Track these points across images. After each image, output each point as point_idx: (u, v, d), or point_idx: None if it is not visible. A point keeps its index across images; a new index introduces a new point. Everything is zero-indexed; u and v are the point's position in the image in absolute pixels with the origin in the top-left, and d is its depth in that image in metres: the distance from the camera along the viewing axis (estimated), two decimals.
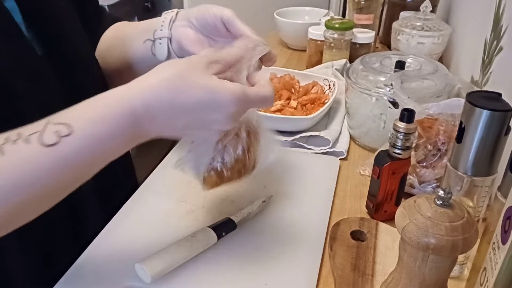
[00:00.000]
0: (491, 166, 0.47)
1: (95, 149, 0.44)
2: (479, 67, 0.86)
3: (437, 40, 1.12)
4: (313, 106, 0.91)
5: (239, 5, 2.38)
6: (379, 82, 0.78)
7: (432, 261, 0.42)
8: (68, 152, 0.43)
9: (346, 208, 0.69)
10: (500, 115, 0.45)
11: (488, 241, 0.45)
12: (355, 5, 1.23)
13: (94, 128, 0.44)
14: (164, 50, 0.64)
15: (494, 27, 0.80)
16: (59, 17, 0.63)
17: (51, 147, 0.42)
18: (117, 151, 0.47)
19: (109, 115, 0.45)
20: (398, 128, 0.60)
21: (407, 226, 0.41)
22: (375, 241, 0.59)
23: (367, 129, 0.81)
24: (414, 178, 0.67)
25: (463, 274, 0.55)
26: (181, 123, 0.47)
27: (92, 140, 0.44)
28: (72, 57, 0.63)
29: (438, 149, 0.65)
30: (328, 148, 0.82)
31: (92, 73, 0.69)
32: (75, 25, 0.66)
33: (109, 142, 0.45)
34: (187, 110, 0.46)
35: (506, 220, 0.40)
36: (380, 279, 0.53)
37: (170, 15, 0.64)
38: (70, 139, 0.43)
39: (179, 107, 0.46)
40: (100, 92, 0.63)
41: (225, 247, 0.59)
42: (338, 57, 1.12)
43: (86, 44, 0.69)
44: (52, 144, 0.42)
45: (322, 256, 0.58)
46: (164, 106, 0.46)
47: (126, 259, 0.56)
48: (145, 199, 0.69)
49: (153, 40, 0.64)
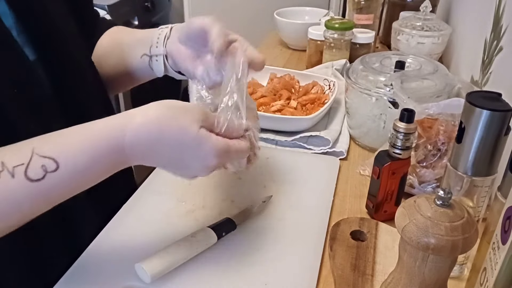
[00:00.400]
0: (491, 166, 0.47)
1: (78, 181, 0.47)
2: (479, 67, 0.86)
3: (437, 40, 1.12)
4: (313, 106, 0.91)
5: (239, 5, 2.39)
6: (379, 82, 0.78)
7: (432, 261, 0.42)
8: (52, 185, 0.45)
9: (346, 208, 0.69)
10: (500, 115, 0.45)
11: (488, 241, 0.45)
12: (355, 5, 1.23)
13: (80, 163, 0.46)
14: (161, 67, 0.65)
15: (494, 27, 0.80)
16: (53, 21, 0.62)
17: (37, 182, 0.44)
18: (97, 180, 0.49)
19: (95, 151, 0.46)
20: (398, 128, 0.60)
21: (407, 226, 0.41)
22: (375, 241, 0.59)
23: (367, 129, 0.81)
24: (414, 178, 0.67)
25: (463, 274, 0.55)
26: (163, 160, 0.50)
27: (76, 173, 0.46)
28: (66, 61, 0.63)
29: (438, 149, 0.65)
30: (328, 148, 0.82)
31: (87, 77, 0.68)
32: (70, 29, 0.66)
33: (91, 174, 0.48)
34: (171, 149, 0.48)
35: (506, 220, 0.40)
36: (380, 279, 0.53)
37: (164, 32, 0.65)
38: (56, 174, 0.45)
39: (164, 144, 0.48)
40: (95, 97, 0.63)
41: (225, 247, 0.59)
42: (338, 57, 1.12)
43: (81, 48, 0.68)
44: (38, 179, 0.44)
45: (322, 256, 0.58)
46: (150, 144, 0.47)
47: (126, 259, 0.56)
48: (145, 199, 0.69)
49: (150, 56, 0.66)
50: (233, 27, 0.64)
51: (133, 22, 1.95)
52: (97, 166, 0.47)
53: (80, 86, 0.66)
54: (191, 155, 0.49)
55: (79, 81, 0.66)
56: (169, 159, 0.50)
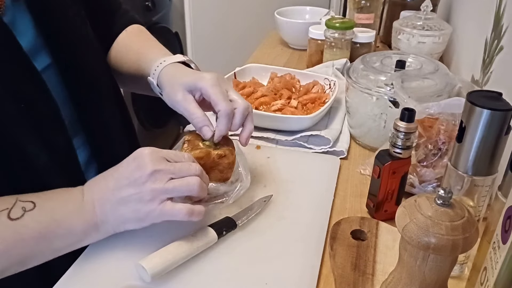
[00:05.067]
0: (491, 165, 0.47)
1: (51, 220, 0.52)
2: (479, 66, 0.85)
3: (438, 40, 1.12)
4: (314, 105, 0.91)
5: (240, 4, 2.39)
6: (379, 82, 0.78)
7: (432, 261, 0.42)
8: (29, 222, 0.51)
9: (347, 208, 0.69)
10: (501, 114, 0.45)
11: (489, 240, 0.45)
12: (355, 4, 1.23)
13: (56, 209, 0.53)
14: (157, 92, 0.68)
15: (495, 26, 0.80)
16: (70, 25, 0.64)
17: (16, 220, 0.50)
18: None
19: (68, 199, 0.55)
20: (398, 128, 0.60)
21: (407, 225, 0.41)
22: (375, 241, 0.59)
23: (367, 128, 0.81)
24: (414, 177, 0.67)
25: (463, 273, 0.55)
26: (121, 193, 0.54)
27: (50, 211, 0.53)
28: (81, 65, 0.65)
29: (438, 148, 0.65)
30: (328, 147, 0.82)
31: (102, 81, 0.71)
32: (86, 33, 0.68)
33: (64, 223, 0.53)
34: (119, 176, 0.54)
35: (507, 219, 0.40)
36: (381, 278, 0.53)
37: (160, 68, 0.67)
38: (33, 212, 0.51)
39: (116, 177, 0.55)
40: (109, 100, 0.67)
41: (225, 247, 0.59)
42: (338, 57, 1.12)
43: (98, 52, 0.71)
44: (17, 218, 0.50)
45: (322, 255, 0.58)
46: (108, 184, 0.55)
47: (126, 259, 0.56)
48: None
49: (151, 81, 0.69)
50: (234, 26, 0.65)
51: None
52: (68, 207, 0.54)
53: (94, 89, 0.67)
54: (131, 165, 0.54)
55: (93, 84, 0.67)
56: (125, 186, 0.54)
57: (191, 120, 0.62)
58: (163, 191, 0.53)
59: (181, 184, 0.54)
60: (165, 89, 0.65)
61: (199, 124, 0.62)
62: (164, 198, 0.53)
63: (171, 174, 0.53)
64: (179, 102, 0.62)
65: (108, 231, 0.55)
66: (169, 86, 0.65)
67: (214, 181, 0.62)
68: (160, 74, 0.66)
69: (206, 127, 0.62)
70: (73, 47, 0.64)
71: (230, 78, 0.99)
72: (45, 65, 0.61)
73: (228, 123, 0.61)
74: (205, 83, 0.62)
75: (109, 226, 0.55)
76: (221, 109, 0.60)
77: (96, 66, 0.69)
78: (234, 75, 1.01)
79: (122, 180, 0.54)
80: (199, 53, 2.49)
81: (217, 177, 0.63)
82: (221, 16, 2.41)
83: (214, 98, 0.61)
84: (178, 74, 0.65)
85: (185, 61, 0.69)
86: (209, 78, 0.62)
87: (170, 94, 0.64)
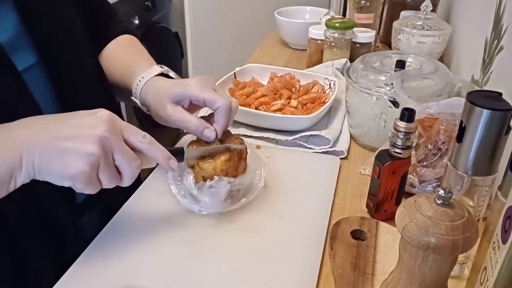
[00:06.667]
0: (491, 165, 0.47)
1: None
2: (479, 66, 0.86)
3: (438, 40, 1.12)
4: (314, 105, 0.91)
5: (240, 4, 2.39)
6: (379, 82, 0.78)
7: (432, 261, 0.42)
8: None
9: (347, 208, 0.69)
10: (501, 114, 0.45)
11: (489, 240, 0.45)
12: (355, 4, 1.23)
13: None
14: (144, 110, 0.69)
15: (495, 26, 0.80)
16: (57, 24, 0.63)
17: None
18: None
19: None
20: (398, 128, 0.60)
21: (407, 225, 0.41)
22: (375, 241, 0.59)
23: (367, 128, 0.81)
24: (414, 177, 0.67)
25: (463, 273, 0.55)
26: (61, 142, 0.47)
27: None
28: (68, 64, 0.64)
29: (438, 148, 0.65)
30: (328, 147, 0.82)
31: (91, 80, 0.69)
32: (75, 32, 0.67)
33: None
34: (67, 124, 0.49)
35: (507, 219, 0.40)
36: (380, 278, 0.53)
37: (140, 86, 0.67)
38: None
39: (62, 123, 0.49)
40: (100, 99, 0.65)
41: (225, 247, 0.59)
42: (338, 57, 1.12)
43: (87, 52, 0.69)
44: None
45: (322, 255, 0.59)
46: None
47: (126, 259, 0.56)
48: (145, 198, 0.69)
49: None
50: (234, 26, 0.65)
51: (134, 21, 1.95)
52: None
53: (83, 88, 0.66)
54: (79, 121, 0.49)
55: (81, 83, 0.66)
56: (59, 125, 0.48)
57: (188, 129, 0.63)
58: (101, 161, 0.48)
59: (112, 173, 0.50)
60: (151, 106, 0.65)
61: (199, 128, 0.62)
62: (96, 165, 0.48)
63: (117, 150, 0.49)
64: (170, 116, 0.63)
65: (23, 178, 0.48)
66: (155, 103, 0.65)
67: (242, 173, 0.64)
68: (141, 92, 0.66)
69: (207, 130, 0.62)
70: (61, 46, 0.63)
71: (230, 78, 0.99)
72: (30, 63, 0.59)
73: (227, 116, 0.62)
74: (193, 90, 0.62)
75: (28, 172, 0.48)
76: (220, 105, 0.61)
77: (86, 66, 0.69)
78: (234, 75, 1.01)
79: (66, 129, 0.48)
80: (199, 53, 2.49)
81: (243, 167, 0.65)
82: (221, 16, 2.41)
83: (209, 98, 0.61)
84: (162, 89, 0.65)
85: (163, 72, 0.69)
86: (194, 84, 0.63)
87: (159, 110, 0.64)
